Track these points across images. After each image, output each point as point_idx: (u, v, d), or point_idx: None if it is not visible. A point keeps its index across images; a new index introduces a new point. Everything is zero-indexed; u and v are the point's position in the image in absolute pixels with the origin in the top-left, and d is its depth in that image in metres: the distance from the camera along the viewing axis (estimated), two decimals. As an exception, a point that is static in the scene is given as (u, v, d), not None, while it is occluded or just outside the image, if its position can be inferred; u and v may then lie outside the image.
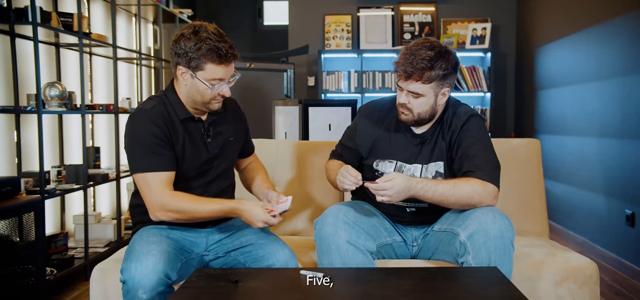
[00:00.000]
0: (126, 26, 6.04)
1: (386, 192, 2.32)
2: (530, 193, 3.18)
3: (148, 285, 2.14)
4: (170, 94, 2.47)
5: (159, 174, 2.33)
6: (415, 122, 2.57)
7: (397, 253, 2.68)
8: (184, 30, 2.36)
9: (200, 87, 2.36)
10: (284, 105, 4.90)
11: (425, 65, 2.43)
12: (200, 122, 2.50)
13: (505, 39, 7.47)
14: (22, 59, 4.18)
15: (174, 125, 2.41)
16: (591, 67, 5.17)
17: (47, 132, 4.46)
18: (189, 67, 2.34)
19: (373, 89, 7.23)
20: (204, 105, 2.42)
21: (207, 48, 2.30)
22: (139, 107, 2.44)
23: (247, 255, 2.48)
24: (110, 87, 5.51)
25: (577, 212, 5.44)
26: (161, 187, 2.32)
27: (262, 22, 9.90)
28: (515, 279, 2.41)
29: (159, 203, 2.32)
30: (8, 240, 3.29)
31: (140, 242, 2.29)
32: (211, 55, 2.30)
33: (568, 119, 5.67)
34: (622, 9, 4.63)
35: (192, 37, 2.31)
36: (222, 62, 2.33)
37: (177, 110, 2.43)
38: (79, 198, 4.77)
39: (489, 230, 2.29)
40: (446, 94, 2.55)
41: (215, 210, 2.36)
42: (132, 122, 2.39)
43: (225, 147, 2.55)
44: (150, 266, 2.16)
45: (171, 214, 2.33)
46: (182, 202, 2.33)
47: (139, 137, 2.34)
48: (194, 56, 2.31)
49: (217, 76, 2.34)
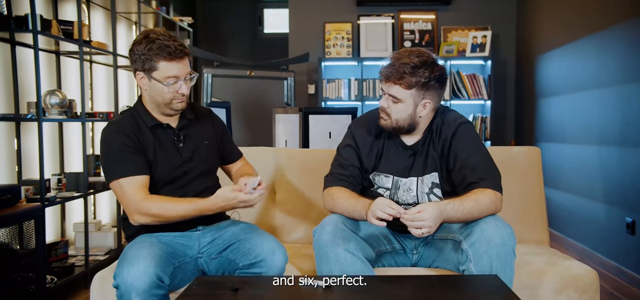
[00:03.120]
0: (126, 34, 6.05)
1: (424, 223, 2.27)
2: (531, 201, 3.18)
3: (141, 288, 2.16)
4: (138, 105, 2.57)
5: (132, 178, 2.40)
6: (394, 129, 2.56)
7: (397, 261, 2.68)
8: (136, 38, 2.48)
9: (157, 87, 2.44)
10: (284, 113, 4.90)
11: (406, 70, 2.44)
12: (170, 129, 2.57)
13: (506, 47, 7.48)
14: (23, 66, 4.19)
15: (143, 133, 2.51)
16: (591, 75, 5.17)
17: (47, 140, 4.46)
18: (144, 69, 2.43)
19: (373, 96, 7.23)
20: (167, 107, 2.49)
21: (157, 47, 2.39)
22: (109, 121, 2.56)
23: (236, 252, 2.50)
24: (110, 94, 5.51)
25: (578, 220, 5.43)
26: (135, 191, 2.38)
27: (262, 30, 9.92)
28: (516, 287, 2.41)
29: (134, 206, 2.38)
30: (8, 248, 3.29)
31: (132, 248, 2.33)
32: (161, 53, 2.39)
33: (568, 127, 5.67)
34: (622, 16, 4.63)
35: (143, 40, 2.42)
36: (173, 59, 2.41)
37: (145, 119, 2.53)
38: (79, 206, 4.77)
39: (491, 238, 2.30)
40: (428, 106, 2.52)
41: (189, 209, 2.40)
42: (103, 135, 2.49)
43: (199, 150, 2.61)
44: (142, 269, 2.19)
45: (146, 217, 2.39)
46: (155, 203, 2.39)
47: (109, 147, 2.45)
48: (146, 58, 2.41)
49: (171, 73, 2.43)
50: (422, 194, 2.59)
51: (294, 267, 2.68)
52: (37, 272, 3.49)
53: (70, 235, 4.76)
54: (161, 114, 2.54)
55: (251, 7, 9.95)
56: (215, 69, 5.99)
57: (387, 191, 2.62)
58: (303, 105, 7.31)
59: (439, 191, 2.59)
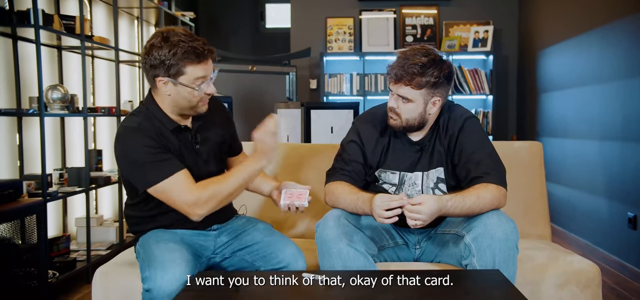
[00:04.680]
0: (128, 29, 6.05)
1: (420, 216, 2.28)
2: (533, 196, 3.18)
3: (174, 294, 2.11)
4: (152, 106, 2.39)
5: (177, 176, 2.25)
6: (404, 128, 2.55)
7: (400, 256, 2.68)
8: (153, 40, 2.29)
9: (184, 92, 2.30)
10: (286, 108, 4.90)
11: (416, 71, 2.42)
12: (188, 130, 2.45)
13: (507, 41, 7.47)
14: (24, 61, 4.19)
15: (166, 137, 2.35)
16: (593, 69, 5.17)
17: (49, 134, 4.46)
18: (169, 75, 2.27)
19: (375, 91, 7.23)
20: (192, 110, 2.37)
21: (183, 51, 2.24)
22: (124, 126, 2.34)
23: (254, 254, 2.47)
24: (112, 89, 5.51)
25: (579, 215, 5.43)
26: (185, 185, 2.25)
27: (264, 25, 9.91)
28: (518, 282, 2.41)
29: (192, 201, 2.25)
30: (10, 243, 3.29)
31: (159, 248, 2.26)
32: (189, 57, 2.25)
33: (570, 122, 5.67)
34: (624, 11, 4.62)
35: (164, 44, 2.25)
36: (201, 61, 2.28)
37: (164, 121, 2.37)
38: (81, 201, 4.77)
39: (494, 232, 2.30)
40: (437, 103, 2.52)
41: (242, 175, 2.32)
42: (123, 144, 2.31)
43: (214, 151, 2.52)
44: (177, 275, 2.14)
45: (209, 204, 2.27)
46: (210, 187, 2.27)
47: (136, 156, 2.27)
48: (172, 63, 2.25)
49: (199, 75, 2.29)
50: (427, 188, 2.59)
51: (296, 262, 2.67)
52: (38, 267, 3.49)
53: (72, 230, 4.76)
54: (179, 115, 2.41)
55: (253, 2, 9.94)
56: (217, 63, 5.98)
57: (393, 187, 2.61)
58: (305, 100, 7.30)
59: (444, 186, 2.59)
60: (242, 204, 2.91)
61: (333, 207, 2.57)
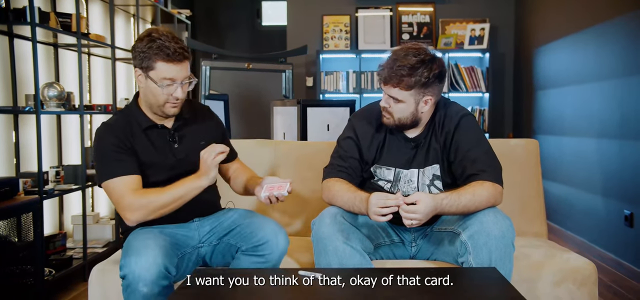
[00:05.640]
0: (124, 26, 6.03)
1: (416, 216, 2.29)
2: (529, 194, 3.18)
3: (149, 278, 2.16)
4: (133, 105, 2.54)
5: (120, 179, 2.36)
6: (397, 126, 2.56)
7: (396, 254, 2.68)
8: (140, 35, 2.44)
9: (151, 87, 2.40)
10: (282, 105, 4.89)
11: (404, 72, 2.42)
12: (165, 129, 2.54)
13: (504, 39, 7.48)
14: (21, 59, 4.18)
15: (134, 135, 2.47)
16: (590, 67, 5.17)
17: (45, 132, 4.45)
18: (142, 67, 2.40)
19: (371, 89, 7.23)
20: (160, 109, 2.45)
21: (157, 46, 2.34)
22: (102, 122, 2.51)
23: (237, 236, 2.52)
24: (108, 87, 5.50)
25: (576, 212, 5.44)
26: (124, 189, 2.35)
27: (260, 22, 9.89)
28: (514, 280, 2.41)
29: (126, 205, 2.34)
30: (6, 241, 3.29)
31: (137, 238, 2.31)
32: (160, 54, 2.35)
33: (567, 120, 5.67)
34: (621, 9, 4.63)
35: (145, 38, 2.38)
36: (171, 60, 2.36)
37: (139, 119, 2.50)
38: (78, 198, 4.76)
39: (490, 230, 2.30)
40: (429, 102, 2.52)
41: (180, 191, 2.38)
42: (95, 136, 2.46)
43: (194, 151, 2.52)
44: (151, 260, 2.18)
45: (140, 212, 2.35)
46: (143, 197, 2.35)
47: (99, 148, 2.42)
48: (145, 56, 2.37)
49: (168, 75, 2.37)
50: (423, 185, 2.59)
51: (292, 260, 2.68)
52: (35, 265, 3.48)
53: (68, 227, 4.76)
54: (155, 115, 2.51)
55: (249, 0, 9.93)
56: (213, 61, 5.98)
57: (389, 183, 2.62)
58: (301, 97, 7.29)
59: (439, 183, 2.59)
60: (228, 201, 2.91)
61: (330, 204, 2.58)
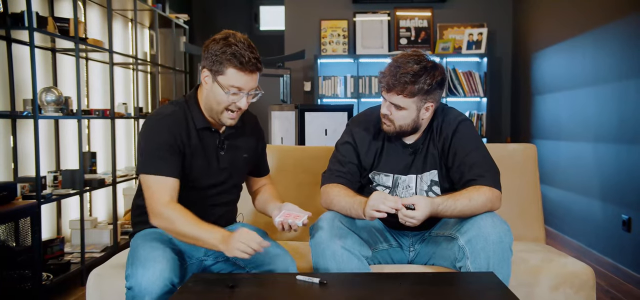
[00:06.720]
0: (122, 31, 6.04)
1: (412, 221, 2.31)
2: (527, 198, 3.18)
3: (155, 292, 2.13)
4: (191, 101, 2.47)
5: (162, 178, 2.31)
6: (397, 134, 2.56)
7: (394, 258, 2.68)
8: (216, 36, 2.37)
9: (217, 91, 2.34)
10: (280, 110, 4.90)
11: (408, 80, 2.42)
12: (217, 134, 2.48)
13: (502, 44, 7.49)
14: (19, 64, 4.18)
15: (189, 134, 2.41)
16: (587, 72, 5.18)
17: (43, 137, 4.45)
18: (211, 70, 2.33)
19: (369, 94, 7.24)
20: (217, 115, 2.39)
21: (231, 52, 2.29)
22: (158, 110, 2.46)
23: (246, 260, 2.45)
24: (106, 92, 5.50)
25: (574, 217, 5.45)
26: (161, 193, 2.29)
27: (258, 27, 9.91)
28: (512, 285, 2.42)
29: (155, 209, 2.29)
30: (4, 245, 3.29)
31: (144, 247, 2.28)
32: (233, 60, 2.29)
33: (564, 124, 5.68)
34: (618, 13, 4.64)
35: (221, 41, 2.32)
36: (243, 70, 2.31)
37: (196, 118, 2.43)
38: (75, 203, 4.76)
39: (488, 235, 2.30)
40: (430, 108, 2.52)
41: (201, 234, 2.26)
42: (149, 123, 2.39)
43: (236, 163, 2.52)
44: (157, 273, 2.15)
45: (163, 223, 2.30)
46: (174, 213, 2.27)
47: (150, 139, 2.35)
48: (217, 59, 2.31)
49: (237, 84, 2.32)
50: (421, 191, 2.59)
51: (290, 264, 2.67)
52: (33, 269, 3.48)
53: (66, 232, 4.75)
54: (212, 119, 2.44)
55: (247, 4, 9.94)
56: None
57: (387, 190, 2.62)
58: (299, 102, 7.31)
59: (438, 189, 2.59)
60: (239, 213, 2.90)
61: (327, 209, 2.58)
